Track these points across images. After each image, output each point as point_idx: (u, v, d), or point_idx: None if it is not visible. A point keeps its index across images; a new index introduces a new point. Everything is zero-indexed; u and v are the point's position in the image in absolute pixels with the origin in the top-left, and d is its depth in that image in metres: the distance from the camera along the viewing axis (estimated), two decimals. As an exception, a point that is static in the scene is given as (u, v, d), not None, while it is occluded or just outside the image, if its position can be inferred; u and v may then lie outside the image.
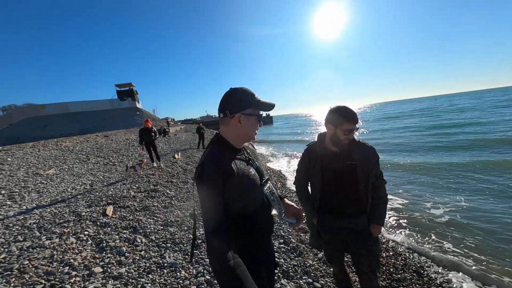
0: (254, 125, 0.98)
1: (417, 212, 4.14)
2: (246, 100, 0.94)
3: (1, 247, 2.78)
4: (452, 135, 12.52)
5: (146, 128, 6.99)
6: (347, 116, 1.33)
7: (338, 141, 1.38)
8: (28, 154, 9.77)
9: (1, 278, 2.19)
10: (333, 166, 1.43)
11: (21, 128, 24.81)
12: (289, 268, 2.38)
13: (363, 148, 1.42)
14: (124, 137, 15.72)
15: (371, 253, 1.46)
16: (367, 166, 1.39)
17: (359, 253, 1.49)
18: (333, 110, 1.39)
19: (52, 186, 5.66)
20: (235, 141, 0.99)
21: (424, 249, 3.03)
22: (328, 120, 1.41)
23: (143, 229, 3.21)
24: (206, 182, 0.84)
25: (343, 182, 1.43)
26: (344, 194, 1.45)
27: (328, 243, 1.59)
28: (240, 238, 0.92)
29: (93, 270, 2.29)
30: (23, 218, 3.69)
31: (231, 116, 0.93)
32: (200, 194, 0.87)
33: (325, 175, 1.46)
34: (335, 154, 1.43)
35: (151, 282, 2.16)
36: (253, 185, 0.96)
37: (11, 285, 2.08)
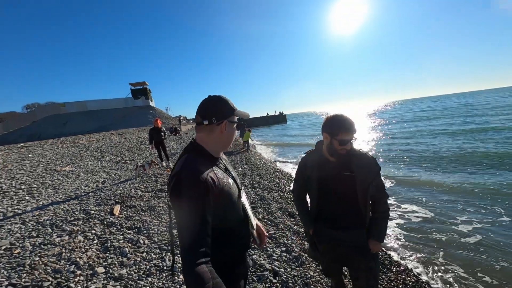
0: (234, 133, 1.01)
1: (441, 227, 3.78)
2: (230, 108, 0.96)
3: (17, 242, 2.99)
4: (493, 141, 9.83)
5: (156, 128, 7.20)
6: (343, 126, 1.28)
7: (334, 150, 1.34)
8: (48, 151, 10.43)
9: (14, 273, 2.35)
10: (330, 177, 1.39)
11: (43, 126, 26.56)
12: (288, 278, 2.34)
13: (363, 158, 1.37)
14: (137, 135, 16.33)
15: (369, 270, 1.41)
16: (366, 178, 1.34)
17: (357, 268, 1.45)
18: (329, 118, 1.36)
19: (67, 183, 6.00)
20: (214, 149, 0.97)
21: (440, 269, 2.85)
22: (324, 129, 1.37)
23: (147, 230, 3.30)
24: (184, 195, 0.79)
25: (340, 194, 1.39)
26: (341, 205, 1.41)
27: (325, 255, 1.56)
28: (220, 254, 0.89)
29: (96, 270, 2.39)
30: (39, 214, 3.95)
31: (218, 123, 0.93)
32: (175, 207, 0.82)
33: (322, 185, 1.42)
34: (333, 164, 1.39)
35: (150, 285, 2.22)
36: (232, 196, 0.94)
37: (22, 281, 2.22)
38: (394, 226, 3.92)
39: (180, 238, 0.78)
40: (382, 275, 2.55)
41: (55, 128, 25.95)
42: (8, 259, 2.58)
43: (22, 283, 2.18)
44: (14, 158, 8.89)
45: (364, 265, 1.41)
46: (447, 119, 21.62)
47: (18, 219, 3.75)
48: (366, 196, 1.37)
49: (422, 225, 3.94)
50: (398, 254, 3.14)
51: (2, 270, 2.37)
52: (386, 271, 2.63)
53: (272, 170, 7.42)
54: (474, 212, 4.24)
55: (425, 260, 3.01)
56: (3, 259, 2.59)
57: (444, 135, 13.27)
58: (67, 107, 30.08)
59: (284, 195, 4.93)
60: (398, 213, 4.40)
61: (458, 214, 4.18)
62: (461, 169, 6.88)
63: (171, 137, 16.25)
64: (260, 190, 5.16)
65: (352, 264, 1.48)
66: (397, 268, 2.73)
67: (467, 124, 16.50)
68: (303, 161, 1.55)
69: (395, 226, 3.93)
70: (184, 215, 0.79)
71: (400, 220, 4.13)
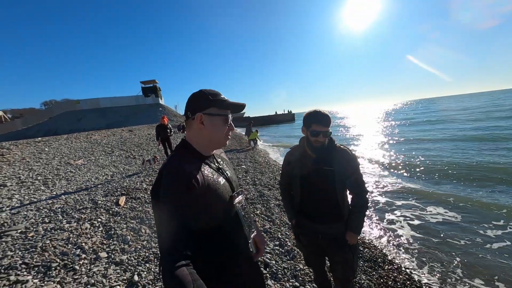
0: (220, 128, 0.90)
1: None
2: (209, 99, 0.88)
3: (32, 226, 3.28)
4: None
5: (162, 125, 7.47)
6: (315, 117, 1.38)
7: (309, 143, 1.42)
8: (62, 145, 11.03)
9: (28, 253, 2.60)
10: (311, 171, 1.47)
11: (59, 122, 27.92)
12: (278, 270, 2.44)
13: (343, 154, 1.43)
14: (146, 132, 16.85)
15: (345, 261, 1.48)
16: (344, 172, 1.41)
17: (334, 260, 1.53)
18: (306, 113, 1.46)
19: (79, 175, 6.38)
20: (200, 146, 0.91)
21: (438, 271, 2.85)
22: (303, 123, 1.47)
23: (149, 220, 3.50)
24: (163, 195, 0.75)
25: (320, 187, 1.45)
26: (320, 198, 1.48)
27: (306, 247, 1.64)
28: (205, 259, 0.83)
29: (99, 255, 2.60)
30: (52, 202, 4.26)
31: (193, 117, 0.88)
32: (154, 207, 0.78)
33: (303, 180, 1.50)
34: (313, 159, 1.46)
35: (147, 271, 2.39)
36: (220, 197, 0.88)
37: (34, 261, 2.46)
38: (398, 229, 3.92)
39: (159, 240, 0.74)
40: (373, 271, 2.60)
41: (70, 124, 27.23)
42: (23, 241, 2.86)
43: (33, 263, 2.42)
44: (31, 151, 9.49)
45: (341, 257, 1.48)
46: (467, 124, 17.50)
47: (33, 206, 4.08)
48: (344, 190, 1.44)
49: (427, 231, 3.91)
50: (393, 253, 3.16)
51: (17, 251, 2.64)
52: (378, 268, 2.67)
53: (275, 169, 7.50)
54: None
55: (422, 261, 3.02)
56: (19, 241, 2.86)
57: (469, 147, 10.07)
58: (81, 104, 31.45)
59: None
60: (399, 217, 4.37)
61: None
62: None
63: (179, 134, 16.66)
64: (261, 187, 5.27)
65: (330, 255, 1.55)
66: (389, 266, 2.76)
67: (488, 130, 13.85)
68: (287, 157, 1.63)
69: (399, 228, 3.92)
70: (162, 216, 0.75)
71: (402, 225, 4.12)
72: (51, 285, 2.14)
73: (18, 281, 2.16)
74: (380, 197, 5.24)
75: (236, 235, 0.95)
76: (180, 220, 0.74)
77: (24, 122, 29.30)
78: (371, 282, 2.43)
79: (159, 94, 35.15)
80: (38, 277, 2.25)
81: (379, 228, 3.89)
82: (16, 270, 2.30)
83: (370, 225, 3.97)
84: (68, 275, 2.29)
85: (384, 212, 4.48)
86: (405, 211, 4.55)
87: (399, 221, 4.12)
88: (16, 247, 2.71)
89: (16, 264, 2.39)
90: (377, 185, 6.08)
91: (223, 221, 0.89)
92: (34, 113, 35.85)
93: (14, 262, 2.41)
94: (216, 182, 0.88)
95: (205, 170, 0.87)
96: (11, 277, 2.20)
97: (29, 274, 2.28)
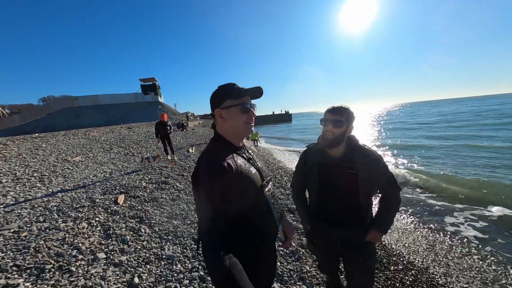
0: (238, 117, 0.92)
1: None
2: (223, 93, 0.92)
3: (25, 226, 3.06)
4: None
5: (162, 122, 7.24)
6: (329, 108, 1.27)
7: (323, 135, 1.29)
8: (60, 142, 10.67)
9: (20, 255, 2.40)
10: (331, 173, 1.31)
11: (57, 118, 27.24)
12: (284, 272, 2.30)
13: (367, 155, 1.27)
14: (145, 129, 16.52)
15: (366, 269, 1.34)
16: (370, 176, 1.24)
17: (353, 266, 1.38)
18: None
19: (77, 172, 6.12)
20: (230, 137, 0.96)
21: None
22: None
23: (148, 219, 3.32)
24: (201, 179, 0.81)
25: (341, 191, 1.30)
26: (341, 203, 1.32)
27: (322, 251, 1.50)
28: (237, 241, 0.88)
29: (97, 256, 2.42)
30: (47, 200, 4.03)
31: (213, 114, 0.94)
32: (194, 190, 0.85)
33: (322, 181, 1.34)
34: (335, 160, 1.31)
35: (148, 272, 2.23)
36: (252, 184, 0.91)
37: (26, 263, 2.26)
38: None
39: (199, 218, 0.83)
40: (379, 273, 2.49)
41: (69, 120, 26.60)
42: (15, 242, 2.65)
43: (25, 265, 2.22)
44: (28, 147, 9.14)
45: (360, 264, 1.34)
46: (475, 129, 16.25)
47: (28, 204, 3.84)
48: (368, 195, 1.29)
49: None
50: (396, 254, 3.05)
51: (8, 252, 2.43)
52: (384, 270, 2.56)
53: (275, 167, 7.38)
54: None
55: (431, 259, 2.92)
56: (11, 241, 2.65)
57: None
58: (80, 101, 30.74)
59: (285, 192, 4.88)
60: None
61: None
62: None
63: (178, 132, 16.38)
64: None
65: (348, 262, 1.41)
66: (395, 267, 2.65)
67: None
68: (303, 155, 1.47)
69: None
70: (200, 198, 0.82)
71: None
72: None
73: (8, 284, 1.97)
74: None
75: (267, 222, 0.98)
76: (216, 203, 0.80)
77: (22, 117, 28.51)
78: (378, 284, 2.32)
79: (159, 92, 34.61)
80: (30, 280, 2.06)
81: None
82: (6, 273, 2.10)
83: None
84: (64, 278, 2.11)
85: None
86: (407, 209, 4.47)
87: (404, 220, 4.03)
88: (8, 248, 2.50)
89: (6, 266, 2.19)
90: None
91: (254, 208, 0.92)
92: (32, 109, 34.97)
93: (4, 264, 2.21)
94: (248, 171, 0.92)
95: (238, 160, 0.92)
96: (0, 281, 2.00)
97: (20, 277, 2.09)
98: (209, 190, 0.79)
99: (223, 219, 0.81)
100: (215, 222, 0.79)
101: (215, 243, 0.76)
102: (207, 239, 0.77)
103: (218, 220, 0.79)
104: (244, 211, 0.89)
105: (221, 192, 0.80)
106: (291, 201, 4.50)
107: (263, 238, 0.97)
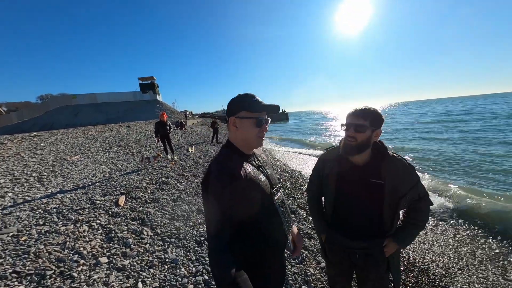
0: (252, 129, 0.91)
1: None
2: (241, 104, 0.92)
3: (24, 229, 2.96)
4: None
5: (161, 121, 7.13)
6: (350, 111, 1.14)
7: (344, 141, 1.18)
8: (58, 141, 10.45)
9: (19, 260, 2.31)
10: (353, 182, 1.19)
11: (55, 116, 26.74)
12: (288, 275, 2.26)
13: (398, 165, 1.13)
14: (144, 128, 16.29)
15: (381, 280, 1.26)
16: (399, 189, 1.11)
17: (367, 278, 1.29)
18: None
19: (76, 172, 5.98)
20: (240, 145, 0.96)
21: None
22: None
23: (150, 221, 3.25)
24: (211, 185, 0.82)
25: (363, 202, 1.18)
26: (362, 215, 1.21)
27: (335, 265, 1.39)
28: (242, 246, 0.88)
29: (99, 260, 2.34)
30: (46, 202, 3.92)
31: (227, 121, 0.95)
32: (204, 196, 0.85)
33: (341, 190, 1.23)
34: (358, 168, 1.18)
35: (151, 277, 2.16)
36: (261, 192, 0.91)
37: (26, 269, 2.18)
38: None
39: (207, 225, 0.85)
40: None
41: (67, 118, 26.12)
42: (14, 246, 2.55)
43: (26, 271, 2.13)
44: (26, 146, 8.92)
45: (374, 275, 1.25)
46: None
47: (27, 206, 3.73)
48: (394, 208, 1.15)
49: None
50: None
51: (7, 257, 2.34)
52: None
53: (274, 166, 7.34)
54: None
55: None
56: (10, 246, 2.55)
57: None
58: (78, 99, 30.17)
59: (285, 191, 4.85)
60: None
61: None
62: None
63: (177, 131, 16.21)
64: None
65: (362, 272, 1.31)
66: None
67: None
68: (322, 159, 1.36)
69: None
70: (210, 206, 0.83)
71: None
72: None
73: (8, 292, 1.89)
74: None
75: (275, 229, 0.96)
76: (225, 210, 0.80)
77: (19, 115, 27.87)
78: None
79: (157, 90, 34.17)
80: (30, 287, 1.98)
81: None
82: (5, 280, 2.01)
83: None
84: (65, 284, 2.03)
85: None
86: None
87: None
88: (7, 253, 2.40)
89: (5, 273, 2.10)
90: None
91: (263, 215, 0.91)
92: (29, 107, 34.24)
93: (3, 271, 2.12)
94: (257, 178, 0.91)
95: (248, 167, 0.92)
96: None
97: (20, 284, 2.00)
98: (218, 196, 0.80)
99: (231, 224, 0.82)
100: (223, 226, 0.80)
101: (222, 247, 0.78)
102: (214, 243, 0.79)
103: (226, 225, 0.81)
104: (252, 217, 0.88)
105: (230, 198, 0.81)
106: (291, 201, 4.47)
107: (268, 243, 0.95)
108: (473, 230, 3.79)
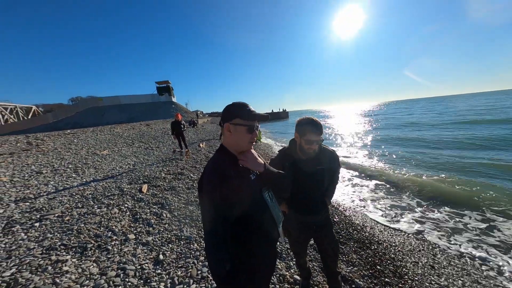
0: (244, 135, 0.91)
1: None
2: (235, 111, 0.91)
3: (67, 211, 3.19)
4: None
5: (176, 121, 7.29)
6: (310, 126, 1.28)
7: (303, 149, 1.33)
8: (89, 137, 10.78)
9: (65, 235, 2.54)
10: (305, 171, 1.38)
11: (85, 116, 27.30)
12: (283, 250, 2.42)
13: (328, 152, 1.44)
14: (161, 126, 16.56)
15: (332, 239, 1.50)
16: (331, 168, 1.44)
17: (323, 241, 1.51)
18: (299, 121, 1.35)
19: (105, 164, 6.24)
20: (233, 149, 0.95)
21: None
22: (296, 129, 1.37)
23: (168, 205, 3.44)
24: (205, 185, 0.83)
25: (312, 184, 1.42)
26: (312, 194, 1.45)
27: (297, 238, 1.57)
28: (236, 241, 0.87)
29: (128, 236, 2.55)
30: (83, 189, 4.16)
31: (222, 126, 0.93)
32: (199, 196, 0.85)
33: (297, 179, 1.39)
34: (306, 160, 1.38)
35: (170, 250, 2.35)
36: (251, 189, 0.91)
37: (71, 242, 2.40)
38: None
39: (203, 224, 0.84)
40: (361, 251, 2.60)
41: (94, 118, 26.66)
42: (60, 225, 2.78)
43: (71, 244, 2.36)
44: (62, 142, 9.26)
45: (330, 238, 1.49)
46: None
47: (67, 192, 3.98)
48: (329, 183, 1.49)
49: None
50: (378, 236, 3.16)
51: (55, 233, 2.56)
52: (366, 249, 2.67)
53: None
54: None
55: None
56: (57, 224, 2.79)
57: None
58: (104, 101, 30.69)
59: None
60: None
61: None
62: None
63: (190, 129, 16.42)
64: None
65: (320, 239, 1.51)
66: (375, 247, 2.76)
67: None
68: (279, 157, 1.47)
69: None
70: (204, 205, 0.82)
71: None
72: (88, 263, 2.09)
73: (59, 260, 2.11)
74: (364, 189, 5.24)
75: (265, 223, 0.97)
76: (218, 208, 0.80)
77: (54, 116, 28.58)
78: (361, 261, 2.43)
79: (172, 93, 34.43)
80: (76, 257, 2.19)
81: (362, 213, 3.90)
82: (56, 251, 2.24)
83: (355, 210, 3.98)
84: (103, 255, 2.24)
85: (369, 200, 4.49)
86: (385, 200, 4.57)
87: (382, 209, 4.13)
88: (55, 230, 2.64)
89: (55, 245, 2.33)
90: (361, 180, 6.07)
91: (255, 211, 0.92)
92: (63, 108, 34.95)
93: (54, 244, 2.35)
94: (247, 177, 0.93)
95: (239, 167, 0.92)
96: (52, 257, 2.14)
97: (67, 254, 2.22)
98: (211, 195, 0.79)
99: (225, 220, 0.81)
100: (217, 223, 0.79)
101: (217, 243, 0.78)
102: (209, 240, 0.79)
103: (220, 221, 0.80)
104: (244, 214, 0.88)
105: (222, 197, 0.80)
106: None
107: (260, 239, 0.94)
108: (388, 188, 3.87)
